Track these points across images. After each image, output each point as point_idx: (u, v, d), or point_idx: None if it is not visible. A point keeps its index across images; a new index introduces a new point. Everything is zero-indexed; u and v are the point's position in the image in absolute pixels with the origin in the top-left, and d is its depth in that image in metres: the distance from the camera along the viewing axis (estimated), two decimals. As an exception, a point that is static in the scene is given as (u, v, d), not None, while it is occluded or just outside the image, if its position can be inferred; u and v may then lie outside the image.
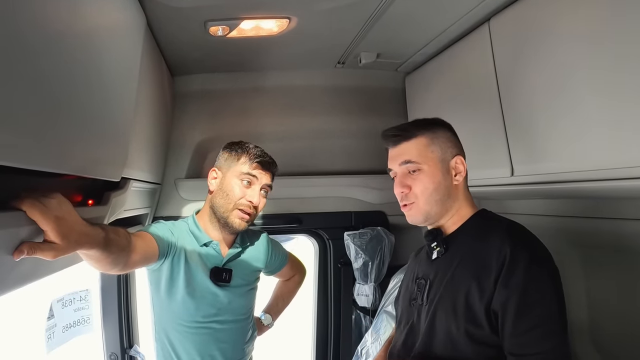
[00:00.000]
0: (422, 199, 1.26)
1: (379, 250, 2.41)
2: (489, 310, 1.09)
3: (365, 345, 2.35)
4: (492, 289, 1.09)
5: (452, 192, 1.28)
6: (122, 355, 2.17)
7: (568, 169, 1.34)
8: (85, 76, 0.97)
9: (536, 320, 1.04)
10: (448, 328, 1.15)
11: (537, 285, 1.06)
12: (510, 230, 1.17)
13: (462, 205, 1.30)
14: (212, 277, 1.63)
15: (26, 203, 0.80)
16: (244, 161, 1.62)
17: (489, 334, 1.10)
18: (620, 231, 1.50)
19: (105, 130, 1.17)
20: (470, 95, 1.81)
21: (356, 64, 2.23)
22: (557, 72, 1.33)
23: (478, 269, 1.14)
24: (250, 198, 1.60)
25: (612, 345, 1.57)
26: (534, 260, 1.08)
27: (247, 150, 1.63)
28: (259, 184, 1.62)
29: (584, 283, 1.67)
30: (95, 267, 1.19)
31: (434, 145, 1.28)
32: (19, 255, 0.77)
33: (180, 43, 1.87)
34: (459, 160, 1.30)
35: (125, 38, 1.31)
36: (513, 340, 1.05)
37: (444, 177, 1.27)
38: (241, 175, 1.60)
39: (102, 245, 1.05)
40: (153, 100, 1.79)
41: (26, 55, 0.69)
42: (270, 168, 1.66)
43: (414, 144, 1.28)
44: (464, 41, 1.86)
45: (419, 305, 1.28)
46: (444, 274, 1.23)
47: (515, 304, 1.05)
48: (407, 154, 1.28)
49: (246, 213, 1.60)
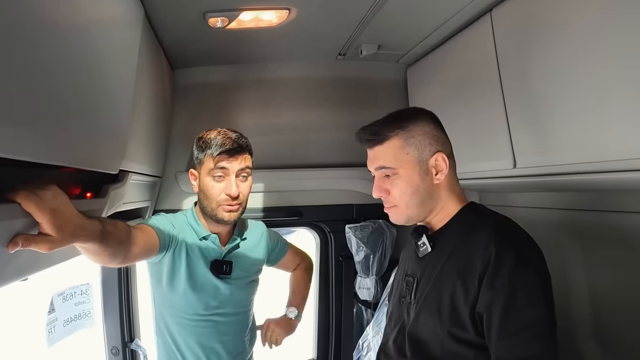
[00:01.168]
0: (402, 203, 1.21)
1: (380, 243, 2.41)
2: (474, 312, 1.06)
3: (366, 339, 2.36)
4: (476, 290, 1.05)
5: (434, 192, 1.22)
6: (124, 349, 2.18)
7: (571, 161, 1.32)
8: (81, 67, 0.96)
9: (523, 323, 1.00)
10: (433, 329, 1.13)
11: (523, 287, 1.02)
12: (497, 227, 1.12)
13: (446, 203, 1.24)
14: (212, 269, 1.63)
15: (21, 195, 0.79)
16: (209, 157, 1.56)
17: (473, 336, 1.07)
18: (624, 224, 1.49)
19: (103, 122, 1.15)
20: (472, 87, 1.79)
21: (357, 56, 2.20)
22: (561, 63, 1.31)
23: (463, 268, 1.10)
24: (228, 191, 1.56)
25: (615, 339, 1.56)
26: (521, 260, 1.03)
27: (208, 144, 1.57)
28: (232, 174, 1.57)
29: (586, 277, 1.66)
30: (94, 261, 1.18)
31: (409, 147, 1.20)
32: (13, 247, 0.76)
33: (179, 35, 1.85)
34: (440, 158, 1.21)
35: (122, 29, 1.29)
36: (499, 344, 1.02)
37: (423, 178, 1.20)
38: (210, 172, 1.56)
39: (99, 238, 1.04)
40: (152, 93, 1.78)
41: (22, 46, 0.68)
42: (237, 153, 1.57)
43: (388, 148, 1.22)
44: (465, 32, 1.84)
45: (408, 303, 1.25)
46: (430, 272, 1.20)
47: (500, 307, 1.01)
48: (381, 159, 1.23)
49: (232, 205, 1.58)
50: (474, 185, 1.88)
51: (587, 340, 1.63)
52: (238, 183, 1.58)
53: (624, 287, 1.51)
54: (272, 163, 2.31)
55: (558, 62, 1.32)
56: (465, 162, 1.25)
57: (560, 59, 1.31)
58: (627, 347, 1.50)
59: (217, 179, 1.56)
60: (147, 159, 1.83)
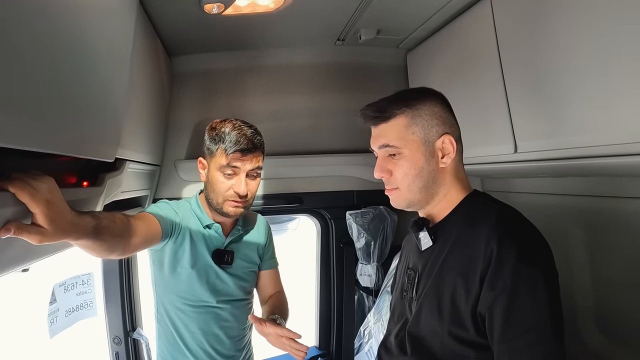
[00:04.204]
0: (404, 185, 1.15)
1: (381, 229, 2.41)
2: (475, 312, 1.02)
3: (368, 326, 2.36)
4: (477, 289, 1.01)
5: (438, 176, 1.16)
6: (126, 338, 2.19)
7: (573, 145, 1.30)
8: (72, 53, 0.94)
9: (526, 326, 0.95)
10: (433, 327, 1.09)
11: (526, 288, 0.96)
12: (499, 220, 1.06)
13: (450, 190, 1.18)
14: (214, 258, 1.63)
15: (16, 185, 0.78)
16: (221, 152, 1.52)
17: (474, 336, 1.03)
18: (627, 210, 1.47)
19: (96, 109, 1.14)
20: (472, 71, 1.77)
21: (356, 41, 2.17)
22: (563, 44, 1.29)
23: (465, 264, 1.05)
24: (237, 189, 1.54)
25: (618, 326, 1.55)
26: (524, 259, 0.98)
27: (222, 138, 1.52)
28: (242, 173, 1.54)
29: (589, 263, 1.65)
30: (91, 255, 1.18)
31: (415, 126, 1.14)
32: (5, 233, 0.75)
33: (175, 22, 1.83)
34: (447, 140, 1.15)
35: (115, 14, 1.27)
36: (503, 347, 0.97)
37: (428, 161, 1.14)
38: (221, 168, 1.53)
39: (92, 234, 1.02)
40: (149, 81, 1.76)
41: (14, 31, 0.67)
42: (251, 153, 1.54)
43: (393, 126, 1.16)
44: (465, 15, 1.81)
45: (410, 298, 1.21)
46: (431, 267, 1.15)
47: (502, 309, 0.97)
48: (385, 137, 1.17)
49: (238, 202, 1.56)
50: (475, 170, 1.86)
51: (590, 326, 1.63)
52: (247, 181, 1.56)
53: (628, 272, 1.50)
54: (271, 150, 2.29)
55: (559, 44, 1.30)
56: (466, 148, 1.22)
57: (562, 40, 1.29)
58: (631, 333, 1.50)
59: (227, 177, 1.54)
60: (145, 147, 1.82)
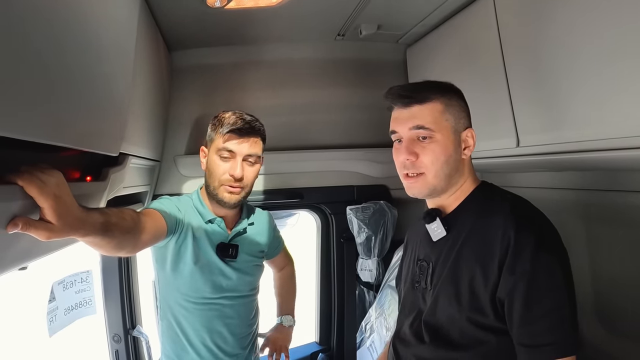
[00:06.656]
0: (432, 171, 1.15)
1: (382, 224, 2.41)
2: (494, 298, 1.04)
3: (369, 321, 2.37)
4: (496, 275, 1.04)
5: (460, 166, 1.19)
6: (125, 336, 2.17)
7: (576, 139, 1.31)
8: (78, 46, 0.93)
9: (546, 309, 0.98)
10: (451, 314, 1.11)
11: (545, 273, 1.00)
12: (513, 209, 1.09)
13: (466, 180, 1.22)
14: (218, 252, 1.62)
15: (25, 178, 0.76)
16: (219, 135, 1.55)
17: (493, 321, 1.05)
18: (629, 203, 1.48)
19: (102, 102, 1.13)
20: (473, 66, 1.77)
21: (356, 36, 2.18)
22: (566, 38, 1.29)
23: (481, 252, 1.08)
24: (232, 172, 1.54)
25: (617, 319, 1.57)
26: (542, 246, 1.01)
27: (221, 122, 1.56)
28: (239, 156, 1.55)
29: (590, 256, 1.66)
30: (101, 252, 1.16)
31: (448, 114, 1.16)
32: (13, 228, 0.73)
33: (177, 16, 1.81)
34: (470, 134, 1.20)
35: (119, 7, 1.25)
36: (522, 330, 1.00)
37: (456, 149, 1.17)
38: (218, 150, 1.55)
39: (100, 231, 1.00)
40: (149, 75, 1.75)
41: (19, 24, 0.66)
42: (247, 134, 1.55)
43: (429, 109, 1.15)
44: (467, 11, 1.81)
45: (423, 289, 1.23)
46: (447, 256, 1.17)
47: (523, 293, 1.00)
48: (419, 119, 1.15)
49: (233, 186, 1.56)
50: (476, 165, 1.85)
51: (591, 320, 1.64)
52: (244, 166, 1.56)
53: (628, 266, 1.51)
54: (271, 145, 2.29)
55: (562, 39, 1.30)
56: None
57: (564, 35, 1.29)
58: (629, 327, 1.51)
59: (224, 159, 1.55)
60: (146, 142, 1.80)
